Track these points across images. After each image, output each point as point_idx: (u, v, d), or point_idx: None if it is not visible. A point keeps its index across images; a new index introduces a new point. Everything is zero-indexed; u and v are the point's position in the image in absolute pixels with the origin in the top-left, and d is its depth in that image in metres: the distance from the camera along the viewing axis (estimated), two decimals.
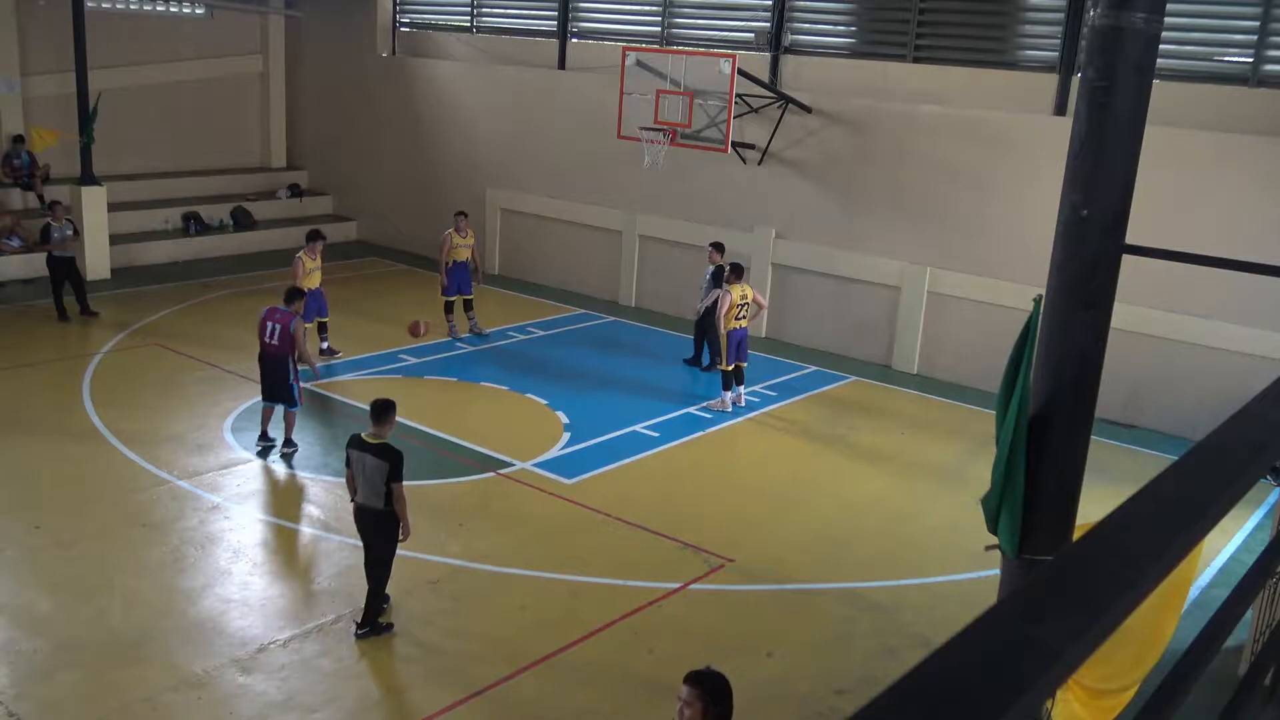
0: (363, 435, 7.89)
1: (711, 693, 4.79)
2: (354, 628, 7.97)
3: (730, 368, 13.13)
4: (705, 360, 14.76)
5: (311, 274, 13.49)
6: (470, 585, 8.84)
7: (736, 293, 12.92)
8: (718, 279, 14.08)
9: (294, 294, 11.29)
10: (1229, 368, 12.67)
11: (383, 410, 7.96)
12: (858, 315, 15.79)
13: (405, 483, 7.79)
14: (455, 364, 14.62)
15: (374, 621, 7.98)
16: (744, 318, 12.98)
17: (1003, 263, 14.24)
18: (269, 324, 10.92)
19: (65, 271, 15.34)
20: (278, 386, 10.97)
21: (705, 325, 14.42)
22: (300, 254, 13.57)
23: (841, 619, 8.72)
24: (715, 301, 13.55)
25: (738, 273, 13.15)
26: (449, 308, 15.53)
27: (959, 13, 15.35)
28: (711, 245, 14.50)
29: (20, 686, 7.20)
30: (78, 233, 16.13)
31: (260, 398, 11.35)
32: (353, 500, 8.05)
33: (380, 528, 7.91)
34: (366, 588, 7.99)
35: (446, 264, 15.35)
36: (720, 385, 13.28)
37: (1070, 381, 4.75)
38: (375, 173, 21.83)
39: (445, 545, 9.43)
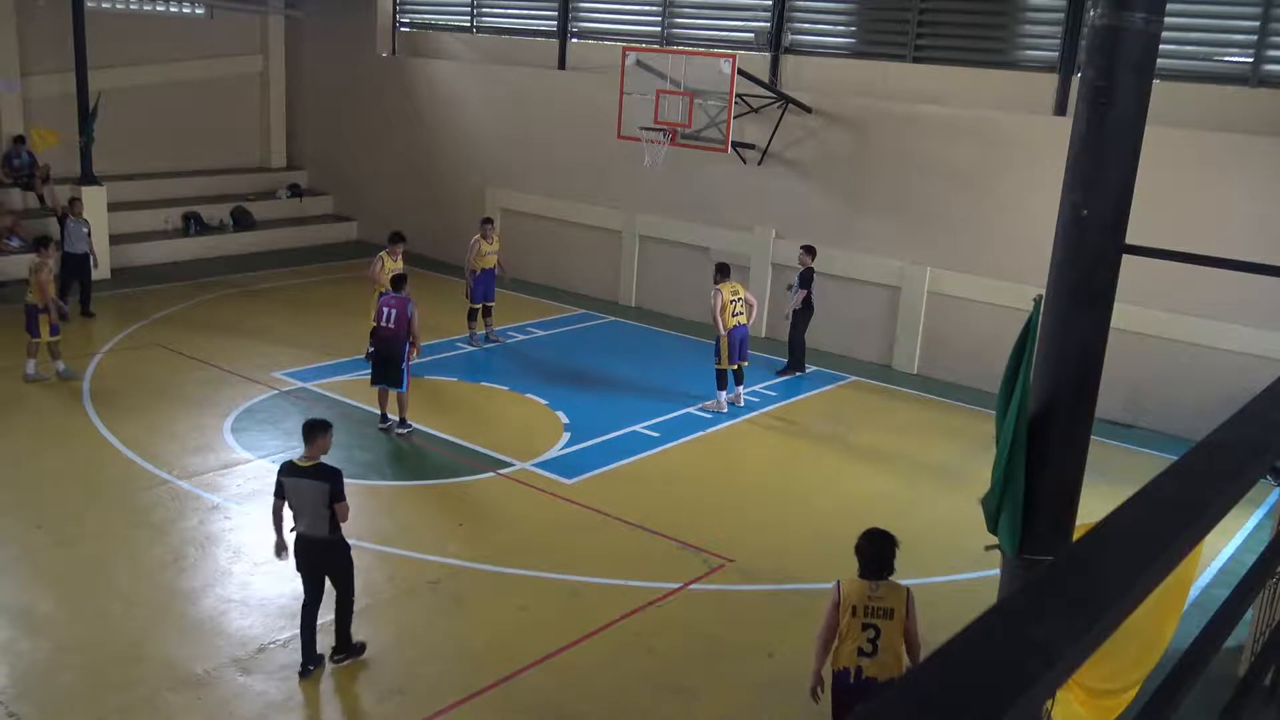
0: (294, 461, 7.36)
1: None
2: (330, 653, 7.59)
3: (735, 367, 13.15)
4: (793, 364, 14.93)
5: (390, 274, 13.10)
6: (470, 585, 8.84)
7: (727, 291, 12.97)
8: (805, 281, 14.33)
9: (401, 280, 11.85)
10: (1229, 368, 12.67)
11: (313, 431, 7.42)
12: (858, 315, 15.80)
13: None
14: (455, 364, 14.62)
15: (349, 645, 7.60)
16: (740, 314, 13.02)
17: (1003, 263, 14.24)
18: (385, 309, 11.57)
19: (77, 270, 15.31)
20: (391, 369, 11.57)
21: (794, 329, 14.71)
22: (381, 254, 13.51)
23: None
24: (801, 302, 14.39)
25: (724, 271, 13.21)
26: (473, 315, 15.48)
27: (959, 13, 15.36)
28: (803, 248, 14.54)
29: (20, 686, 7.20)
30: (91, 231, 16.00)
31: (370, 382, 11.93)
32: (292, 530, 7.40)
33: (330, 557, 7.41)
34: (347, 603, 7.59)
35: (474, 271, 15.27)
36: (715, 386, 13.29)
37: (1070, 381, 4.75)
38: (375, 173, 21.84)
39: (445, 545, 9.43)
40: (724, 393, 13.22)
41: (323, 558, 7.40)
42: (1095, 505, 3.32)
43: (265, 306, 16.96)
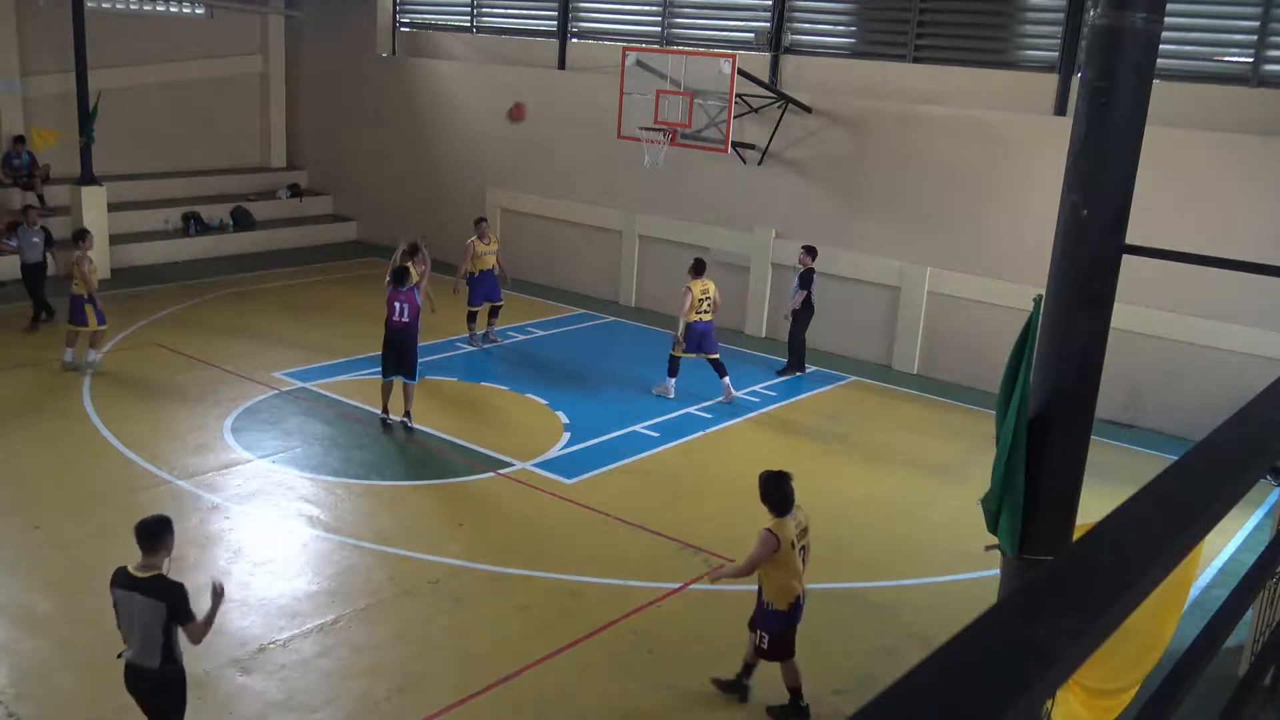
0: (129, 569, 5.92)
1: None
2: None
3: (693, 355, 13.37)
4: (789, 364, 14.95)
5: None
6: (470, 585, 8.84)
7: (698, 288, 13.17)
8: (805, 281, 14.34)
9: (404, 274, 11.88)
10: (1229, 368, 12.67)
11: (154, 532, 5.94)
12: (858, 315, 15.79)
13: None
14: (455, 364, 14.61)
15: None
16: (705, 312, 13.25)
17: (1003, 263, 14.24)
18: (396, 304, 11.71)
19: (31, 279, 14.87)
20: (405, 361, 11.79)
21: (795, 329, 14.71)
22: (407, 264, 13.30)
23: (841, 619, 8.72)
24: (801, 303, 14.37)
25: (698, 269, 13.40)
26: (472, 317, 15.42)
27: (959, 13, 15.36)
28: (803, 249, 14.55)
29: (20, 686, 7.20)
30: (52, 240, 15.42)
31: (383, 374, 11.99)
32: (120, 655, 6.05)
33: (159, 693, 6.01)
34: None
35: (472, 273, 15.19)
36: (668, 372, 13.52)
37: (1070, 381, 4.75)
38: (375, 173, 21.84)
39: (445, 545, 9.43)
40: (673, 379, 13.45)
41: (149, 696, 6.02)
42: (1095, 505, 3.32)
43: (265, 306, 16.96)
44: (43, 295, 15.01)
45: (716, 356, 13.42)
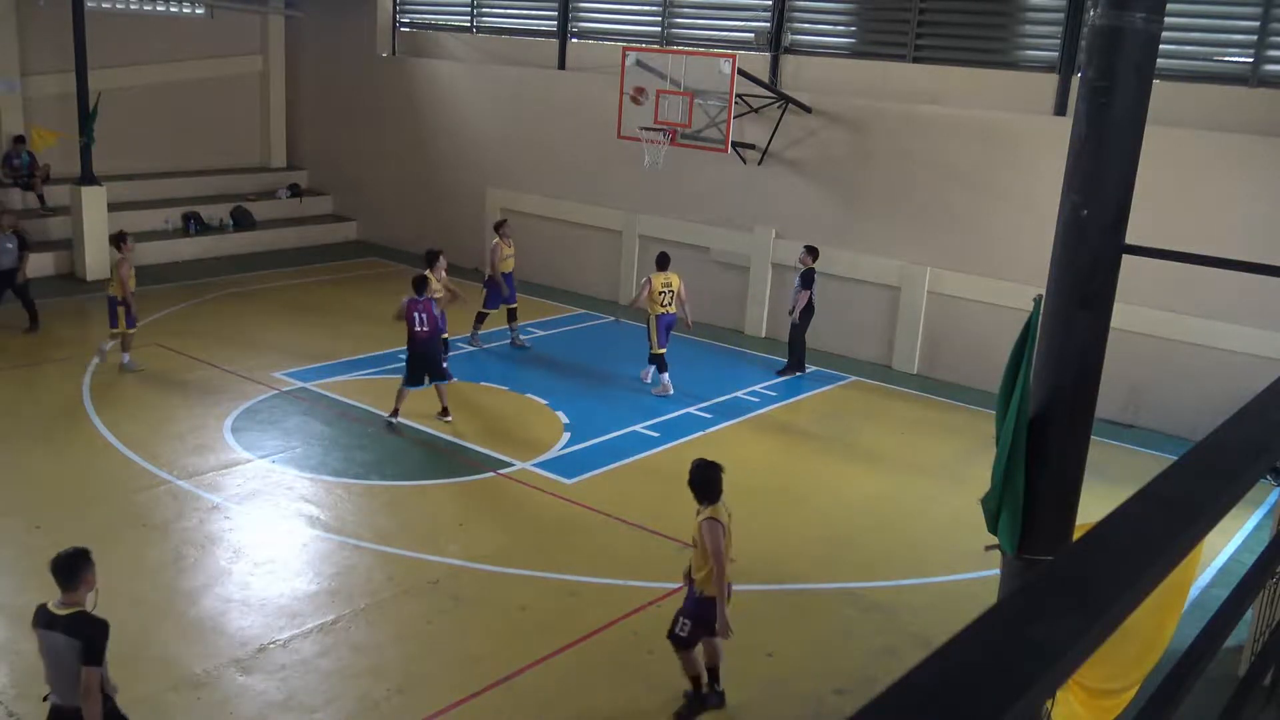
0: (49, 606, 5.64)
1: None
2: None
3: (663, 350, 13.54)
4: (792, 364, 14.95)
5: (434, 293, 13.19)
6: (470, 585, 8.84)
7: (658, 280, 13.44)
8: (806, 281, 14.36)
9: (422, 281, 12.10)
10: (1229, 368, 12.67)
11: (72, 568, 5.59)
12: (858, 315, 15.79)
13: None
14: (455, 364, 14.57)
15: None
16: (669, 305, 13.47)
17: (1003, 263, 14.24)
18: (416, 314, 11.77)
19: (7, 283, 14.77)
20: (434, 367, 12.00)
21: (796, 329, 14.73)
22: (426, 273, 13.13)
23: (841, 619, 8.72)
24: (806, 303, 14.38)
25: (661, 263, 13.66)
26: (481, 318, 15.36)
27: (959, 13, 15.36)
28: (805, 249, 14.56)
29: (20, 686, 7.21)
30: (26, 245, 15.19)
31: (407, 383, 12.03)
32: (45, 698, 5.75)
33: None
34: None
35: (496, 276, 15.15)
36: (657, 371, 13.66)
37: (1070, 381, 4.75)
38: (375, 173, 21.83)
39: (445, 545, 9.43)
40: (665, 375, 13.53)
41: None
42: (1095, 505, 3.32)
43: (265, 307, 16.96)
44: (30, 300, 14.92)
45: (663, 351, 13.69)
